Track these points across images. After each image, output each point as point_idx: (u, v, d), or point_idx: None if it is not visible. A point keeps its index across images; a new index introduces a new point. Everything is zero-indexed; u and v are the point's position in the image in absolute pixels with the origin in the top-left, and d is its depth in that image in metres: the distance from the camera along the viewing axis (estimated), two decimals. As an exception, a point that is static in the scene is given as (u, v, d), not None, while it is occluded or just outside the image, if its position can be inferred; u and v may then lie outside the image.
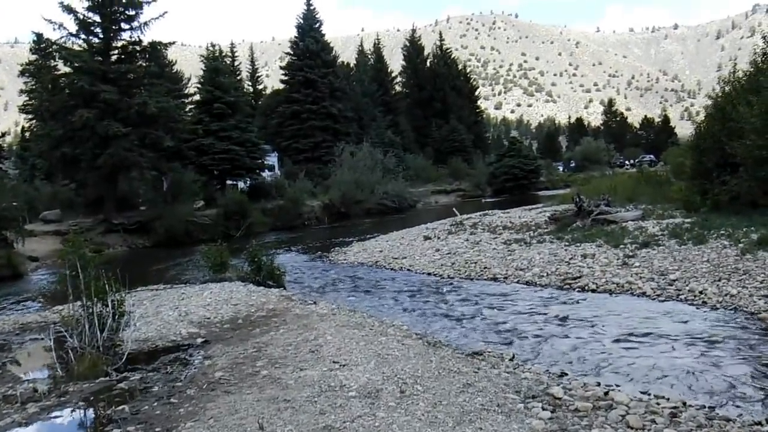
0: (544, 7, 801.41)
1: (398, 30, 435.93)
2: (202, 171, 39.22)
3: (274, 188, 41.79)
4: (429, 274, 16.02)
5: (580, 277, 13.02)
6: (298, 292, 14.04)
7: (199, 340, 8.78)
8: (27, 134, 53.79)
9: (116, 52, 33.32)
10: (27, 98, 47.40)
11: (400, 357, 7.26)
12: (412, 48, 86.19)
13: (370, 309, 11.95)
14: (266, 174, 48.35)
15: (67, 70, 33.06)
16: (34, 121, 44.28)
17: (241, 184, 45.53)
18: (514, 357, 8.26)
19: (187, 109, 44.67)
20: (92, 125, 30.17)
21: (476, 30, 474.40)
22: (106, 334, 7.59)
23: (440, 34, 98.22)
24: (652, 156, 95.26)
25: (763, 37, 20.48)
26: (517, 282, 13.72)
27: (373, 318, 9.99)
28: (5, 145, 70.61)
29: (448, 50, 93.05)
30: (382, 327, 9.06)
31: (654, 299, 11.06)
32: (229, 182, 43.53)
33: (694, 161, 20.28)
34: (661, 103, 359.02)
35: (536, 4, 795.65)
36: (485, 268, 15.39)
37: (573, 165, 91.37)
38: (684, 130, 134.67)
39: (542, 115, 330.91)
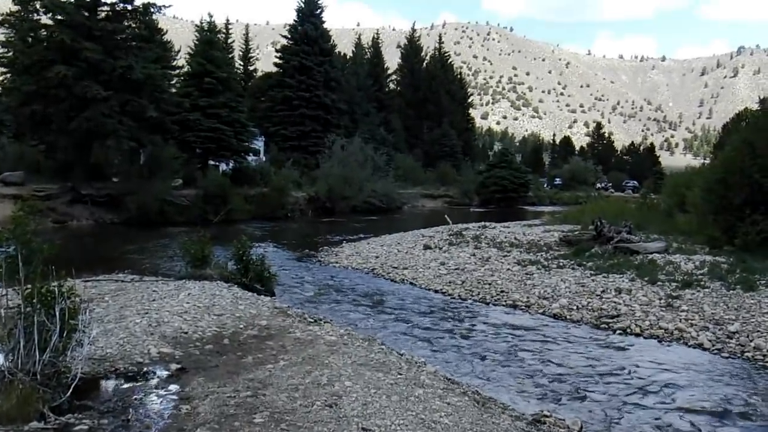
0: (539, 25, 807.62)
1: (394, 29, 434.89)
2: (183, 147, 36.70)
3: (258, 174, 39.37)
4: (437, 291, 14.07)
5: (618, 315, 11.20)
6: (293, 303, 11.93)
7: (174, 367, 6.67)
8: (-1, 88, 50.36)
9: (105, 8, 30.69)
10: (4, 50, 44.29)
11: (452, 428, 5.29)
12: (411, 47, 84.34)
13: (382, 333, 9.97)
14: (251, 158, 45.98)
15: (50, 23, 30.39)
16: (9, 75, 41.21)
17: (223, 166, 43.08)
18: (582, 428, 6.43)
19: (173, 81, 42.15)
20: (69, 84, 27.64)
21: (470, 39, 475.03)
22: (47, 356, 5.44)
23: (440, 36, 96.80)
24: (635, 182, 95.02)
25: None
26: (543, 313, 11.87)
27: (395, 354, 7.96)
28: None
29: (447, 54, 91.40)
30: (412, 371, 7.04)
31: (714, 354, 9.34)
32: (211, 163, 41.06)
33: (718, 196, 18.67)
34: (643, 131, 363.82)
35: (531, 21, 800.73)
36: (502, 291, 13.48)
37: (558, 182, 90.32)
38: (663, 160, 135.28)
39: (527, 130, 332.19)
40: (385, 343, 8.83)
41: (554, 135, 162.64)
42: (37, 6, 29.39)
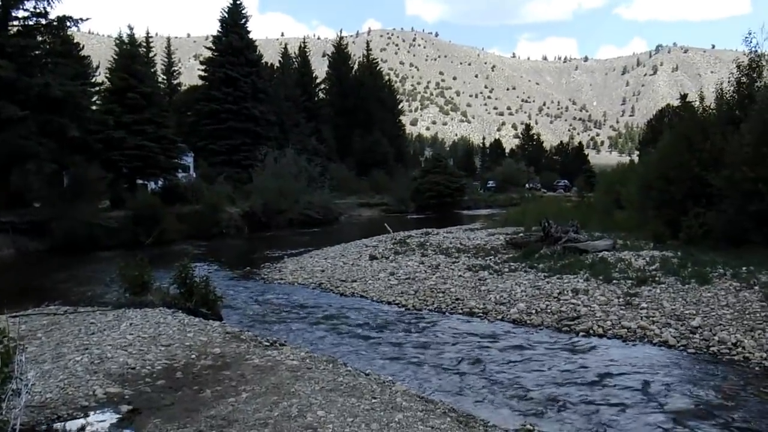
0: (463, 29, 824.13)
1: (319, 38, 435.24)
2: (109, 167, 35.03)
3: (190, 191, 38.02)
4: (390, 303, 13.67)
5: (578, 317, 11.11)
6: (244, 326, 11.27)
7: (124, 408, 6.02)
8: None
9: (16, 23, 29.04)
10: None
11: (441, 456, 4.89)
12: (338, 55, 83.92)
13: (342, 352, 9.52)
14: (181, 175, 44.47)
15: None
16: None
17: (152, 185, 41.51)
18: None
19: (94, 99, 40.38)
20: (-19, 106, 26.00)
21: (396, 45, 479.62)
22: (-23, 412, 4.76)
23: (367, 43, 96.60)
24: (566, 181, 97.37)
25: (738, 66, 19.75)
26: (502, 319, 11.66)
27: (363, 375, 7.51)
28: None
29: (375, 61, 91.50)
30: (386, 393, 6.61)
31: (681, 350, 9.31)
32: (139, 182, 39.49)
33: (659, 191, 19.05)
34: (569, 130, 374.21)
35: (455, 26, 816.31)
36: (457, 299, 13.22)
37: (491, 185, 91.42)
38: (591, 158, 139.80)
39: (456, 134, 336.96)
40: (347, 363, 8.38)
41: (484, 138, 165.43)
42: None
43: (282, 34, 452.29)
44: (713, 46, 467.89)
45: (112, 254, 24.35)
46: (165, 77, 70.67)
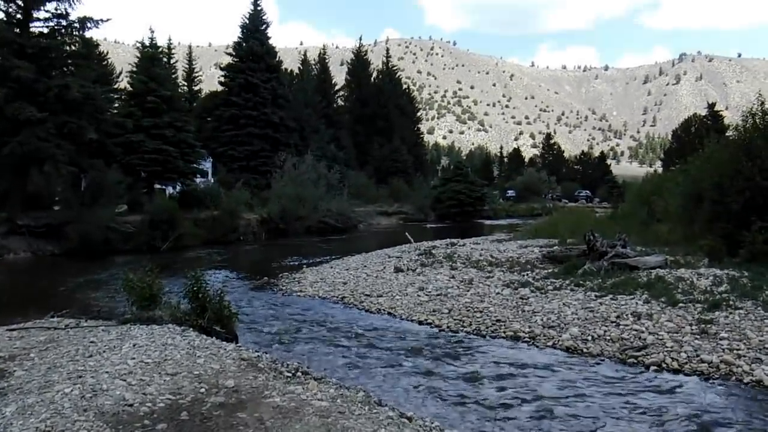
0: (482, 38, 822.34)
1: (337, 47, 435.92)
2: (127, 171, 34.42)
3: (208, 197, 37.31)
4: (421, 322, 12.49)
5: (645, 347, 9.68)
6: (261, 346, 10.24)
7: (117, 464, 4.97)
8: None
9: (38, 24, 28.59)
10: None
11: None
12: (358, 62, 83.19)
13: (373, 384, 8.43)
14: (199, 180, 43.83)
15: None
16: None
17: (170, 190, 40.85)
18: None
19: (116, 105, 39.92)
20: (0, 106, 25.42)
21: (414, 54, 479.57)
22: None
23: (387, 50, 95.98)
24: (588, 192, 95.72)
25: None
26: (553, 346, 10.38)
27: (406, 421, 6.35)
28: None
29: (395, 68, 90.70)
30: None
31: None
32: (157, 186, 38.84)
33: (712, 202, 17.59)
34: (588, 140, 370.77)
35: (474, 35, 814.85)
36: (498, 320, 11.98)
37: (511, 195, 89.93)
38: (612, 168, 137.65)
39: (473, 144, 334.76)
40: (383, 399, 7.30)
41: (501, 147, 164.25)
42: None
43: (301, 43, 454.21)
44: (739, 55, 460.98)
45: (127, 259, 23.66)
46: (186, 83, 70.28)
